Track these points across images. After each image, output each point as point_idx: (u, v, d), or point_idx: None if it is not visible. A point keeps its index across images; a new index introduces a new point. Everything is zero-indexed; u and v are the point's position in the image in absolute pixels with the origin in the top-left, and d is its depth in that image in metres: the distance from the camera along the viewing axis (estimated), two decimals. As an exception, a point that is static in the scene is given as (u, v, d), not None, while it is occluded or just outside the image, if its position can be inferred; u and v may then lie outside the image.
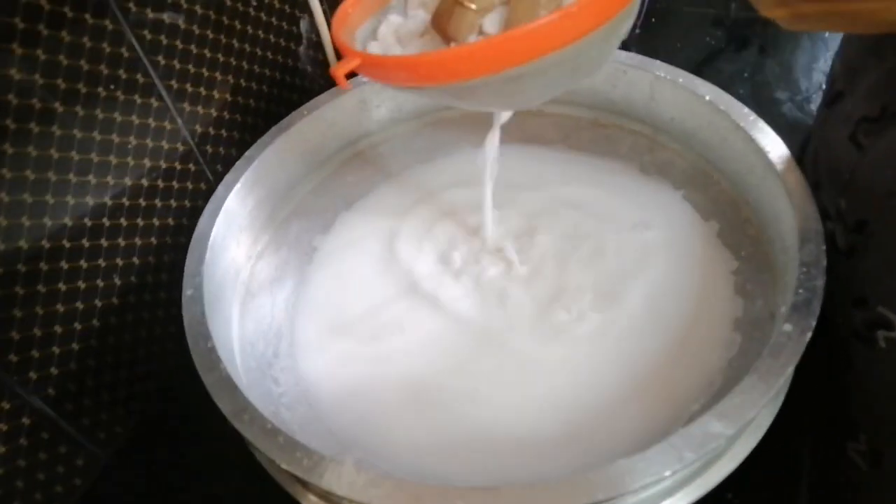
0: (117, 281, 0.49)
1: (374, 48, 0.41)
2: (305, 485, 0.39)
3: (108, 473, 0.50)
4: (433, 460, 0.43)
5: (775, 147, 0.46)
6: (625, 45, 0.45)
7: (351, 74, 0.37)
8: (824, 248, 0.40)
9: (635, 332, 0.47)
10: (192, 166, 0.54)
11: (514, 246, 0.53)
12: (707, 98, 0.51)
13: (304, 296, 0.54)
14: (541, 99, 0.42)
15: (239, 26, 0.56)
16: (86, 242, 0.46)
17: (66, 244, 0.45)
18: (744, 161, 0.49)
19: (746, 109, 0.49)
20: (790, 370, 0.36)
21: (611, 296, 0.49)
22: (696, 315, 0.48)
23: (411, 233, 0.56)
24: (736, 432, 0.34)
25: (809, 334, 0.37)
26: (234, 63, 0.56)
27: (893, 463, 0.40)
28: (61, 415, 0.47)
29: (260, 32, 0.59)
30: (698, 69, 0.70)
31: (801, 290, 0.38)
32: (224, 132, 0.57)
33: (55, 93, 0.42)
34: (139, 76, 0.47)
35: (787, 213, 0.43)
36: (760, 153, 0.46)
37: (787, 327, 0.37)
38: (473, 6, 0.36)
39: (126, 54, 0.46)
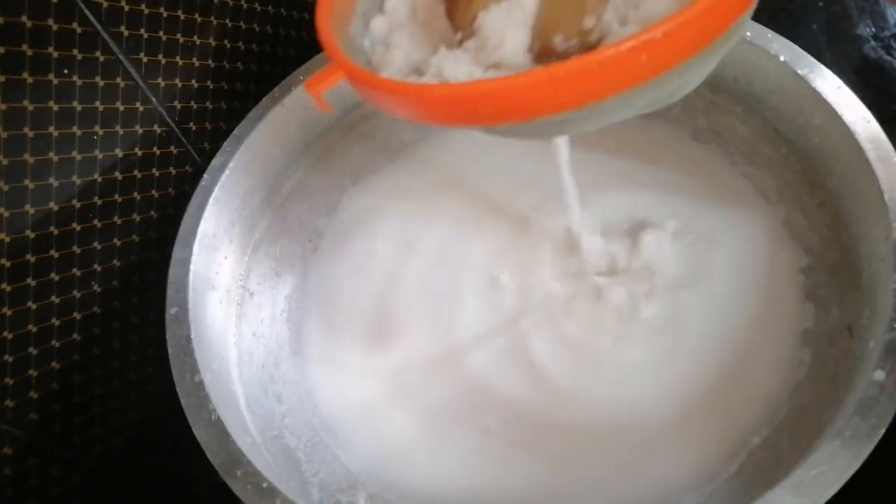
0: (97, 288, 0.44)
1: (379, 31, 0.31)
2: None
3: (108, 487, 0.47)
4: (455, 495, 0.39)
5: (867, 128, 0.38)
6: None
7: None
8: (927, 267, 0.33)
9: (684, 349, 0.41)
10: (173, 149, 0.47)
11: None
12: (782, 58, 0.42)
13: (308, 293, 0.48)
14: (597, 128, 0.29)
15: (217, -24, 0.47)
16: (54, 252, 0.41)
17: (31, 258, 0.39)
18: (824, 139, 0.41)
19: (832, 76, 0.40)
20: (883, 432, 0.30)
21: (650, 301, 0.43)
22: (757, 325, 0.41)
23: (435, 215, 0.49)
24: (814, 511, 0.29)
25: (907, 384, 0.30)
26: (213, 22, 0.48)
27: None
28: (48, 438, 0.43)
29: (243, -20, 0.50)
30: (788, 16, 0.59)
31: (896, 325, 0.32)
32: (209, 104, 0.49)
33: (-6, 87, 0.35)
34: (99, 54, 0.40)
35: (879, 216, 0.35)
36: (847, 134, 0.38)
37: (880, 375, 0.30)
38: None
39: (79, 30, 0.38)
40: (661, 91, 0.26)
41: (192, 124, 0.48)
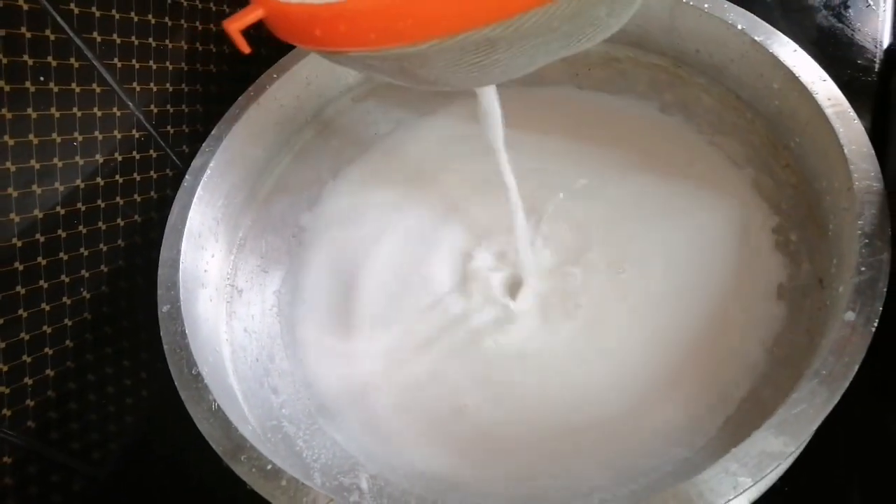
0: (86, 294, 0.44)
1: None
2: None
3: (108, 492, 0.47)
4: (453, 471, 0.40)
5: (824, 87, 0.39)
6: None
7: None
8: (888, 213, 0.34)
9: (661, 307, 0.42)
10: (153, 152, 0.48)
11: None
12: (739, 27, 0.43)
13: (294, 286, 0.49)
14: (526, 71, 0.29)
15: (185, -20, 0.48)
16: (42, 260, 0.41)
17: (20, 266, 0.40)
18: (784, 102, 0.43)
19: (788, 41, 0.42)
20: (856, 368, 0.31)
21: (630, 264, 0.44)
22: (733, 282, 0.43)
23: (416, 202, 0.50)
24: (797, 448, 0.30)
25: (876, 322, 0.32)
26: (185, 25, 0.48)
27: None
28: (47, 445, 0.43)
29: (211, -17, 0.51)
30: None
31: (863, 268, 0.33)
32: (185, 107, 0.50)
33: (-28, 97, 0.35)
34: (73, 60, 0.40)
35: (839, 168, 0.37)
36: (805, 94, 0.40)
37: (850, 316, 0.32)
38: None
39: (53, 37, 0.39)
40: (581, 19, 0.26)
41: (169, 128, 0.49)
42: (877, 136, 0.46)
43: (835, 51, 0.56)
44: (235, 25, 0.26)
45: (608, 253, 0.45)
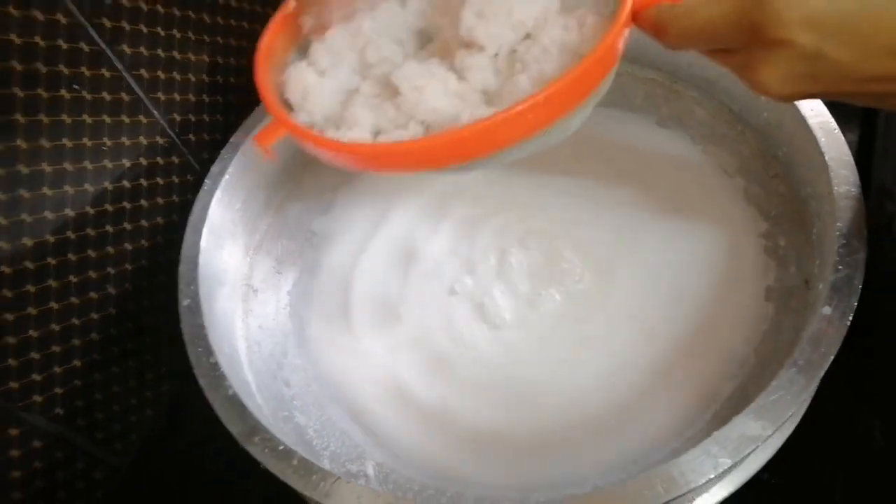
0: (112, 291, 0.47)
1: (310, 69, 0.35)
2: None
3: (128, 482, 0.50)
4: (458, 461, 0.42)
5: (808, 100, 0.42)
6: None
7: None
8: (865, 215, 0.37)
9: (658, 309, 0.44)
10: (175, 159, 0.51)
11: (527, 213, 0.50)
12: (729, 43, 0.46)
13: (307, 287, 0.51)
14: (511, 161, 0.34)
15: (208, -2, 0.51)
16: (72, 256, 0.44)
17: (52, 261, 0.42)
18: (772, 113, 0.45)
19: (773, 55, 0.44)
20: (832, 359, 0.33)
21: (628, 269, 0.46)
22: (724, 284, 0.45)
23: (422, 212, 0.53)
24: (774, 432, 0.32)
25: (851, 317, 0.34)
26: (207, 40, 0.52)
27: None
28: (74, 432, 0.46)
29: (232, 1, 0.54)
30: None
31: (840, 266, 0.35)
32: (206, 117, 0.53)
33: (13, 103, 0.38)
34: (104, 70, 0.43)
35: (821, 175, 0.39)
36: (791, 107, 0.42)
37: (827, 310, 0.34)
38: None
39: (87, 49, 0.42)
40: (549, 138, 0.31)
41: (191, 135, 0.52)
42: (863, 147, 0.49)
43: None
44: (264, 142, 0.33)
45: (604, 254, 0.47)
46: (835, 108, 0.42)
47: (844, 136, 0.51)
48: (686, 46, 0.29)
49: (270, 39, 0.35)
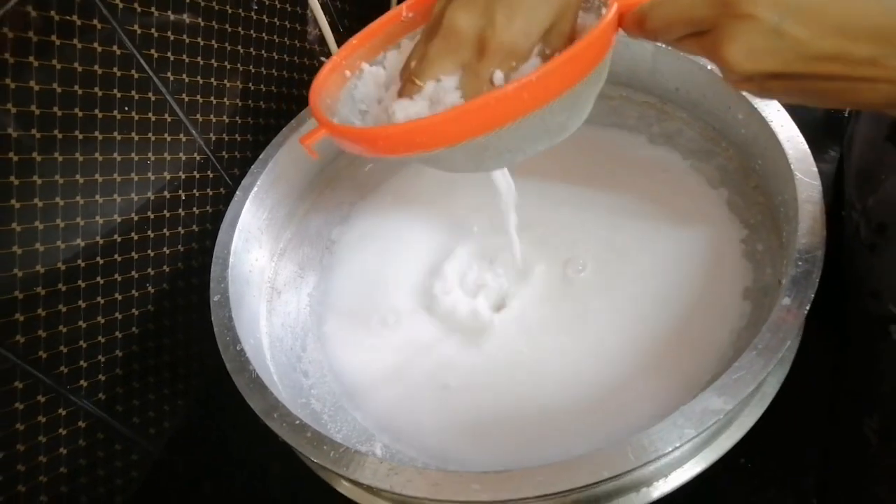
0: (151, 289, 0.52)
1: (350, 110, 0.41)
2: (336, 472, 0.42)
3: (161, 465, 0.54)
4: (458, 443, 0.46)
5: (777, 115, 0.46)
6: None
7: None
8: (824, 217, 0.40)
9: (645, 305, 0.48)
10: (210, 173, 0.57)
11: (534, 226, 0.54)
12: (709, 67, 0.50)
13: (325, 289, 0.57)
14: (516, 160, 0.39)
15: (243, 32, 0.57)
16: (118, 257, 0.49)
17: (100, 260, 0.48)
18: (748, 129, 0.49)
19: (747, 77, 0.48)
20: (789, 343, 0.37)
21: (620, 268, 0.50)
22: (706, 285, 0.48)
23: (428, 221, 0.58)
24: (736, 407, 0.35)
25: (808, 307, 0.37)
26: (241, 69, 0.58)
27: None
28: (113, 416, 0.51)
29: (264, 35, 0.60)
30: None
31: (800, 262, 0.39)
32: (238, 136, 0.59)
33: (74, 121, 0.44)
34: (151, 94, 0.50)
35: (789, 183, 0.43)
36: (762, 122, 0.46)
37: (786, 301, 0.38)
38: (420, 83, 0.37)
39: (136, 75, 0.48)
40: (547, 125, 0.35)
41: (224, 153, 0.58)
42: (839, 169, 0.53)
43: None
44: (308, 141, 0.38)
45: (598, 255, 0.51)
46: (817, 130, 0.46)
47: (825, 157, 0.55)
48: (665, 32, 0.33)
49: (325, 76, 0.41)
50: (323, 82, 0.41)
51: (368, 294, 0.55)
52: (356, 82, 0.43)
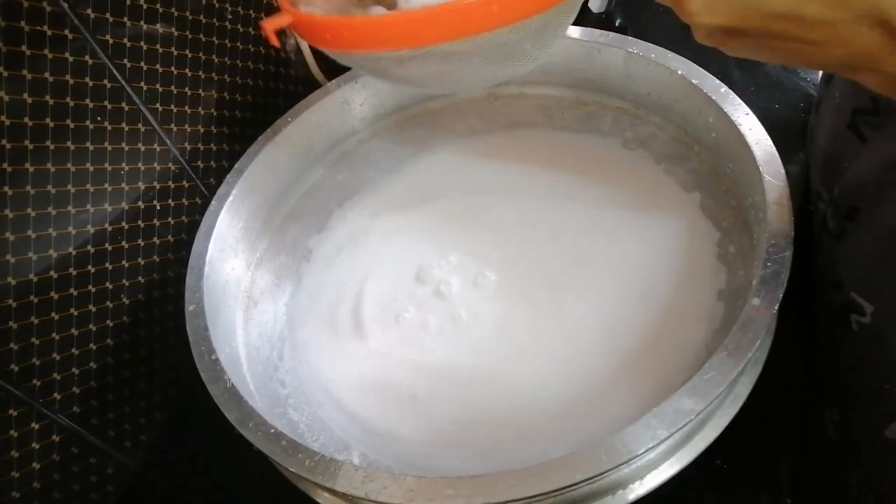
0: (125, 300, 0.52)
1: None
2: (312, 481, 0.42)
3: (137, 478, 0.54)
4: (434, 450, 0.46)
5: (746, 119, 0.46)
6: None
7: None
8: (793, 219, 0.41)
9: (620, 308, 0.48)
10: (185, 183, 0.56)
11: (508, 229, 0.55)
12: (679, 72, 0.51)
13: (302, 298, 0.56)
14: (478, 84, 0.39)
15: (217, 41, 0.57)
16: (91, 268, 0.49)
17: (73, 271, 0.48)
18: (718, 133, 0.50)
19: (717, 82, 0.49)
20: (759, 343, 0.37)
21: (594, 271, 0.51)
22: (681, 287, 0.49)
23: (404, 231, 0.58)
24: (707, 407, 0.36)
25: (777, 307, 0.38)
26: (215, 78, 0.58)
27: (859, 434, 0.42)
28: (88, 429, 0.50)
29: (238, 44, 0.60)
30: (679, 37, 0.70)
31: (769, 263, 0.39)
32: (213, 146, 0.59)
33: (45, 132, 0.44)
34: (124, 104, 0.49)
35: (758, 185, 0.44)
36: (732, 125, 0.47)
37: (756, 301, 0.38)
38: None
39: (109, 85, 0.48)
40: (512, 49, 0.35)
41: (199, 162, 0.58)
42: (806, 165, 0.53)
43: (758, 85, 0.65)
44: (270, 26, 0.36)
45: (571, 260, 0.52)
46: (786, 132, 0.46)
47: (794, 159, 0.56)
48: None
49: None
50: None
51: (344, 303, 0.55)
52: None
